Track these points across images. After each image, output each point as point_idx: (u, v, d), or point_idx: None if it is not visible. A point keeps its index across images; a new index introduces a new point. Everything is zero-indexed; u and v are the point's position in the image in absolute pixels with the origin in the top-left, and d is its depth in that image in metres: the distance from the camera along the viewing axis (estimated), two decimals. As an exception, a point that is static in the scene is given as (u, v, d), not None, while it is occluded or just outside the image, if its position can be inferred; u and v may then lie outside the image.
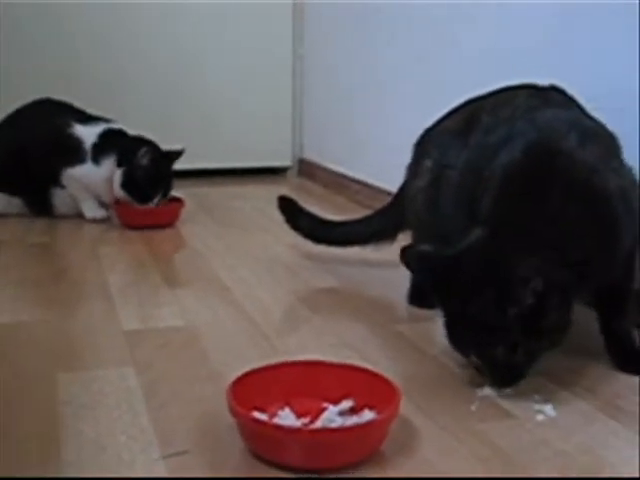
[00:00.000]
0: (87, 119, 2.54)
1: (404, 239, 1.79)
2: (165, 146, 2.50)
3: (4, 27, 2.97)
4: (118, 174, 2.44)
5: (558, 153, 1.28)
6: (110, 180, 2.46)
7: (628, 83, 1.57)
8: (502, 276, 1.18)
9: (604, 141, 1.35)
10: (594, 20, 1.68)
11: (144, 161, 2.41)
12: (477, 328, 1.21)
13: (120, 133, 2.53)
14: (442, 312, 1.27)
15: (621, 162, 1.35)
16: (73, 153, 2.47)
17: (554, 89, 1.50)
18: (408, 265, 1.34)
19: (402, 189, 1.76)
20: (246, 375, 1.14)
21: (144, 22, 3.19)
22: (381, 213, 1.93)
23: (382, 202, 2.16)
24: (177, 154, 2.50)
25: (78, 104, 2.59)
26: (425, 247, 1.37)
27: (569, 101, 1.47)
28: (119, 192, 2.44)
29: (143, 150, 2.41)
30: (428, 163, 1.59)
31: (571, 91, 1.49)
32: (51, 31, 3.06)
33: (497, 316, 1.18)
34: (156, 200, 2.44)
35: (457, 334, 1.25)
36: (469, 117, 1.54)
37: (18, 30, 3.01)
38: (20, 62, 3.01)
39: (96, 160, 2.47)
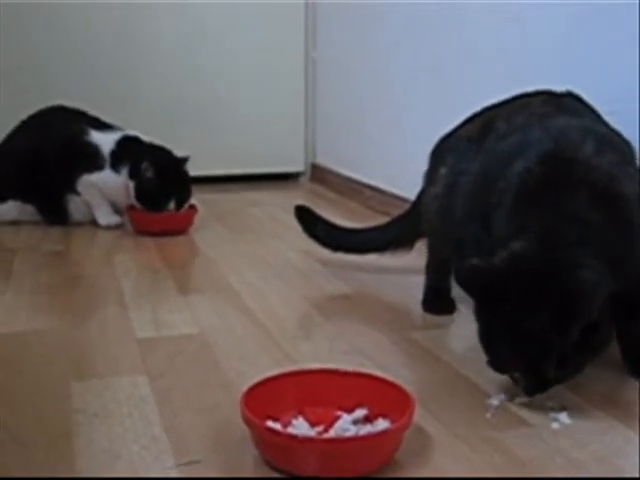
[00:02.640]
0: (102, 126, 2.56)
1: (422, 247, 1.79)
2: (176, 153, 2.52)
3: (12, 35, 2.99)
4: (131, 187, 2.46)
5: (576, 161, 1.27)
6: (127, 187, 2.47)
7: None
8: (567, 289, 1.14)
9: (619, 148, 1.34)
10: (609, 23, 1.67)
11: (147, 175, 2.43)
12: (531, 343, 1.15)
13: (137, 140, 2.54)
14: (485, 328, 1.21)
15: (635, 168, 1.34)
16: (91, 160, 2.49)
17: (570, 95, 1.49)
18: (463, 284, 1.25)
19: (419, 196, 1.75)
20: (259, 384, 1.14)
21: (154, 27, 3.19)
22: (398, 220, 1.93)
23: (395, 208, 2.17)
24: (182, 161, 2.50)
25: (86, 109, 2.61)
26: (474, 261, 1.27)
27: (584, 107, 1.47)
28: (136, 203, 2.47)
29: (145, 164, 2.42)
30: (443, 170, 1.59)
31: (587, 95, 1.48)
32: (59, 39, 3.07)
33: (558, 330, 1.13)
34: (171, 207, 2.45)
35: (503, 350, 1.19)
36: (484, 124, 1.53)
37: (27, 39, 3.02)
38: (28, 70, 3.02)
39: (115, 167, 2.48)
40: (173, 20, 3.20)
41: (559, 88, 1.51)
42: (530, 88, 1.54)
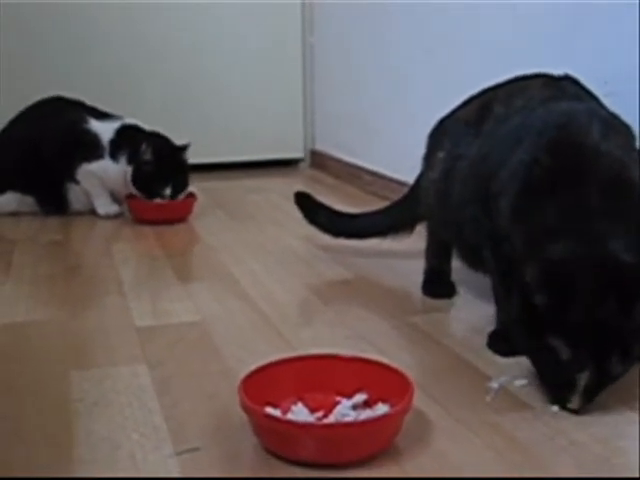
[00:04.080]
0: (101, 115, 2.55)
1: (421, 231, 1.79)
2: (175, 141, 2.51)
3: (11, 26, 2.98)
4: (129, 171, 2.45)
5: (586, 149, 1.24)
6: (126, 175, 2.47)
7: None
8: (623, 275, 1.11)
9: (622, 132, 1.32)
10: (612, 4, 1.66)
11: (145, 157, 2.43)
12: (600, 335, 1.11)
13: (136, 129, 2.53)
14: (555, 338, 1.14)
15: (637, 151, 1.32)
16: (90, 148, 2.48)
17: (568, 78, 1.47)
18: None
19: (418, 180, 1.74)
20: (258, 370, 1.14)
21: (152, 15, 3.18)
22: (398, 204, 1.92)
23: (394, 192, 2.16)
24: (182, 148, 2.49)
25: (86, 101, 2.60)
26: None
27: (583, 91, 1.45)
28: (132, 188, 2.46)
29: (144, 146, 2.42)
30: (440, 154, 1.58)
31: (584, 76, 1.47)
32: (57, 30, 3.06)
33: (623, 317, 1.11)
34: (167, 193, 2.44)
35: (576, 351, 1.12)
36: (482, 107, 1.52)
37: (24, 29, 3.01)
38: (25, 60, 3.02)
39: (114, 156, 2.48)
40: (169, 8, 3.18)
41: (558, 69, 1.50)
42: (529, 69, 1.53)
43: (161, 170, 2.44)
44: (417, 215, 1.78)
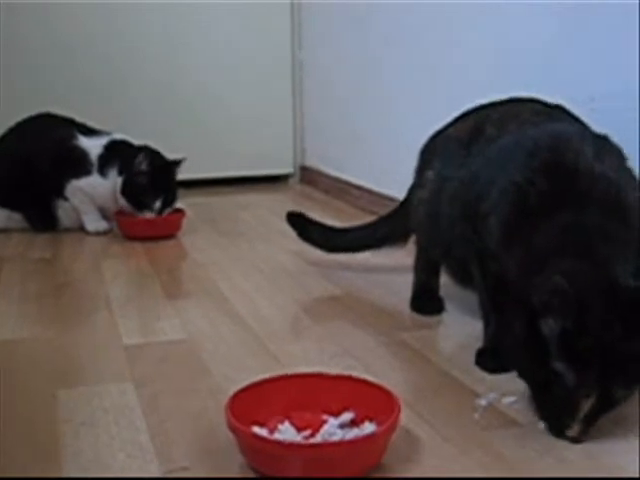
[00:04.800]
0: (90, 132, 2.55)
1: (411, 246, 1.79)
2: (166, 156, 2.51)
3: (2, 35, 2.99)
4: (118, 182, 2.45)
5: (579, 171, 1.24)
6: (115, 191, 2.47)
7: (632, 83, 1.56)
8: (631, 299, 1.10)
9: (615, 153, 1.31)
10: (600, 21, 1.66)
11: (140, 167, 2.42)
12: (608, 361, 1.09)
13: (125, 143, 2.53)
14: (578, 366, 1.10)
15: (630, 172, 1.31)
16: (79, 165, 2.48)
17: (560, 107, 1.47)
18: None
19: (409, 193, 1.74)
20: (245, 389, 1.13)
21: (142, 31, 3.19)
22: (391, 216, 1.91)
23: (383, 207, 2.16)
24: (176, 163, 2.49)
25: (76, 116, 2.61)
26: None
27: (573, 120, 1.45)
28: (121, 200, 2.45)
29: (140, 156, 2.41)
30: (430, 175, 1.58)
31: (575, 91, 1.47)
32: (49, 42, 3.06)
33: (631, 339, 1.09)
34: (157, 206, 2.43)
35: (583, 376, 1.10)
36: (473, 127, 1.51)
37: (16, 42, 3.01)
38: (17, 75, 3.02)
39: (102, 171, 2.48)
40: (162, 23, 3.19)
41: (546, 85, 1.50)
42: (517, 86, 1.53)
43: (154, 182, 2.43)
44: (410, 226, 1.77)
